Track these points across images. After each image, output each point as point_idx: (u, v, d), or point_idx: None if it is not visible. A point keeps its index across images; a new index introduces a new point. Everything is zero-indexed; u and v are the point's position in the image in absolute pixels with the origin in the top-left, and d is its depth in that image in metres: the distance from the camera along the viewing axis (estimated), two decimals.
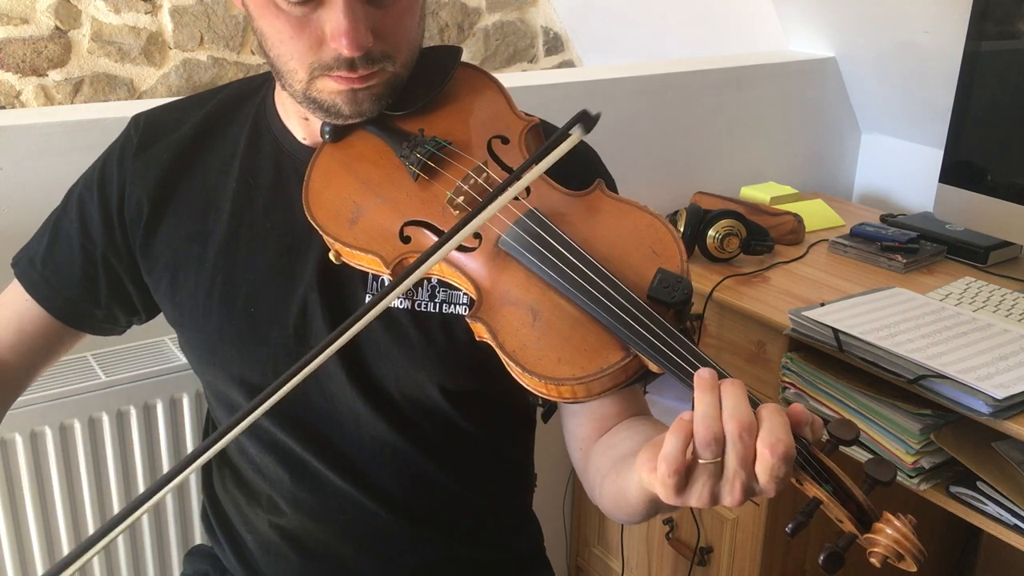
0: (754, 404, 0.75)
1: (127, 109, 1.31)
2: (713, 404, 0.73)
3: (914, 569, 0.74)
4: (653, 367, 0.81)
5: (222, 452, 1.12)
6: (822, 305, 1.53)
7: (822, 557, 0.73)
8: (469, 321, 0.86)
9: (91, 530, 1.47)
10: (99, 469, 1.45)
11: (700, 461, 0.73)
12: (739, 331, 1.67)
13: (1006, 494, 1.29)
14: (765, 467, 0.71)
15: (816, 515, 0.75)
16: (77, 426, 1.41)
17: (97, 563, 1.49)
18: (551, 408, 1.03)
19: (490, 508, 1.13)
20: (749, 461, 0.72)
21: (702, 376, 0.75)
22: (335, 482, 1.04)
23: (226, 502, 1.13)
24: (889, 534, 0.73)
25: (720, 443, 0.72)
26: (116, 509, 1.48)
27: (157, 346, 1.51)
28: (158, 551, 1.54)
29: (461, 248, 0.89)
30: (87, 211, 1.05)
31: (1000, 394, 1.25)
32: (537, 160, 0.80)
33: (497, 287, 0.87)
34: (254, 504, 1.09)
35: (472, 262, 0.89)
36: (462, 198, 0.90)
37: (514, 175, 0.84)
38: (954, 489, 1.37)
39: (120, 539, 1.50)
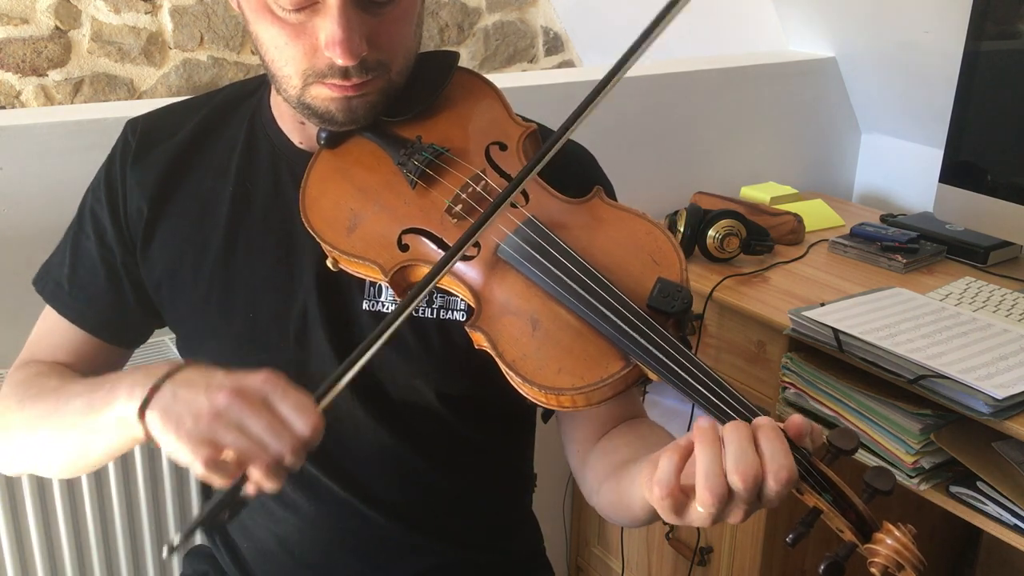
0: (752, 413, 0.75)
1: (127, 109, 1.31)
2: (715, 460, 0.72)
3: None
4: (653, 376, 0.81)
5: None
6: (822, 305, 1.53)
7: (822, 567, 0.73)
8: (468, 330, 0.86)
9: (91, 532, 1.47)
10: (99, 469, 1.45)
11: (700, 509, 0.72)
12: (739, 331, 1.67)
13: (1006, 494, 1.29)
14: (768, 491, 0.72)
15: (816, 522, 0.75)
16: None
17: (97, 563, 1.49)
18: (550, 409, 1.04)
19: (490, 511, 1.13)
20: (754, 498, 0.72)
21: (702, 427, 0.74)
22: (333, 489, 1.03)
23: None
24: (889, 544, 0.73)
25: (725, 500, 0.71)
26: (116, 509, 1.48)
27: (157, 346, 1.50)
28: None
29: (461, 257, 0.89)
30: (100, 223, 1.04)
31: (1000, 394, 1.25)
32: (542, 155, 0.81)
33: (497, 296, 0.87)
34: (250, 511, 1.08)
35: (471, 271, 0.88)
36: (460, 206, 0.90)
37: (528, 166, 0.84)
38: (954, 489, 1.37)
39: (120, 539, 1.50)
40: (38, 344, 1.08)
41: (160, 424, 0.80)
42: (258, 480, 0.78)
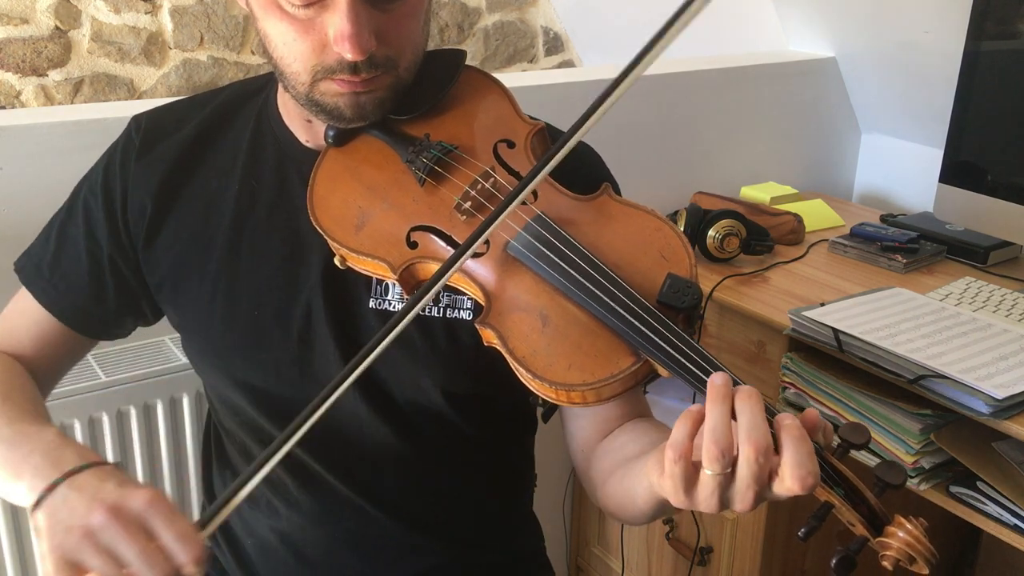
0: (770, 413, 0.74)
1: (127, 109, 1.31)
2: (724, 417, 0.72)
3: (926, 572, 0.74)
4: (663, 372, 0.81)
5: (224, 454, 1.12)
6: (822, 305, 1.53)
7: (834, 561, 0.73)
8: (478, 327, 0.86)
9: None
10: None
11: (708, 472, 0.72)
12: (739, 331, 1.67)
13: (1006, 494, 1.29)
14: (787, 491, 0.71)
15: (828, 516, 0.75)
16: (77, 426, 1.41)
17: None
18: (551, 408, 1.04)
19: (491, 511, 1.13)
20: (763, 479, 0.71)
21: (715, 384, 0.74)
22: (336, 486, 1.03)
23: None
24: (901, 537, 0.73)
25: (729, 459, 0.71)
26: None
27: (157, 346, 1.50)
28: None
29: (470, 255, 0.89)
30: (92, 215, 1.04)
31: (1000, 394, 1.25)
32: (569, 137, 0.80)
33: (506, 293, 0.87)
34: (254, 507, 1.08)
35: (481, 268, 0.88)
36: (469, 203, 0.90)
37: (539, 163, 0.84)
38: (954, 489, 1.37)
39: None
40: (3, 325, 1.08)
41: (42, 527, 0.78)
42: None
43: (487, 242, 0.89)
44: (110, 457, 1.45)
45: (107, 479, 0.81)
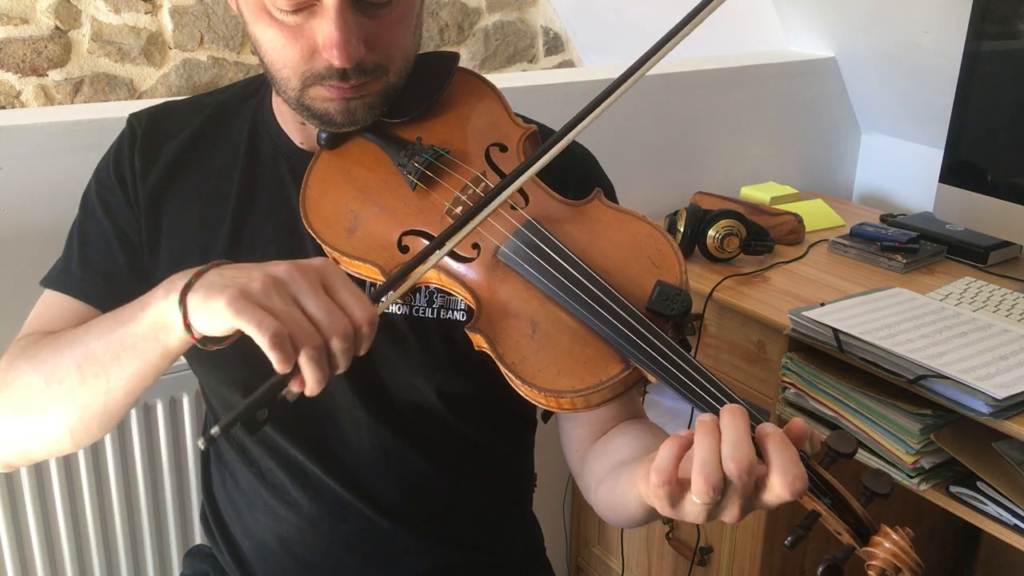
0: (754, 420, 0.74)
1: (127, 109, 1.31)
2: (713, 449, 0.71)
3: None
4: (652, 378, 0.81)
5: (222, 454, 1.11)
6: (822, 305, 1.53)
7: (820, 569, 0.73)
8: (468, 332, 0.86)
9: (91, 532, 1.47)
10: (99, 469, 1.45)
11: (696, 501, 0.72)
12: (739, 331, 1.67)
13: (1006, 494, 1.29)
14: (775, 498, 0.71)
15: (815, 525, 0.75)
16: None
17: (96, 562, 1.49)
18: None
19: (491, 512, 1.13)
20: (749, 492, 0.72)
21: (703, 421, 0.73)
22: (335, 488, 1.03)
23: (224, 506, 1.13)
24: (887, 547, 0.73)
25: (720, 491, 0.71)
26: (116, 509, 1.48)
27: None
28: (158, 551, 1.54)
29: (460, 259, 0.89)
30: (113, 206, 1.03)
31: (1000, 394, 1.25)
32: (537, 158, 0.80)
33: (496, 298, 0.87)
34: (253, 510, 1.08)
35: (471, 273, 0.89)
36: (460, 208, 0.90)
37: (514, 173, 0.84)
38: (954, 489, 1.37)
39: (120, 539, 1.50)
40: (36, 321, 1.03)
41: (203, 296, 0.74)
42: (304, 367, 0.72)
43: (477, 247, 0.89)
44: (110, 458, 1.45)
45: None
